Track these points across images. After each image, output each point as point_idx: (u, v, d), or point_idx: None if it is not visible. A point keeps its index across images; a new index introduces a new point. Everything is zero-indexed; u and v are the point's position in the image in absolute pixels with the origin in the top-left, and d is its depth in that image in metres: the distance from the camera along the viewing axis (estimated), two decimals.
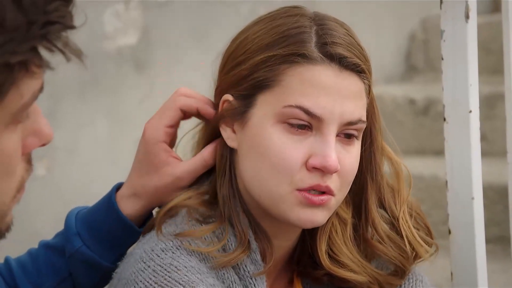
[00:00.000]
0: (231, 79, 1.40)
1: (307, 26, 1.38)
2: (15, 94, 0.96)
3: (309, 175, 1.35)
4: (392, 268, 1.48)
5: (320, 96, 1.34)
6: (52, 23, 0.94)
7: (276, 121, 1.36)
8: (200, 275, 1.33)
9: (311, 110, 1.34)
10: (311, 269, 1.46)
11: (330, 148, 1.34)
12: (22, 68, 0.95)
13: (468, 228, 1.55)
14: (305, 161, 1.35)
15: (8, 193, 1.01)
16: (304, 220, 1.36)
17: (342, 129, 1.37)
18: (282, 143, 1.35)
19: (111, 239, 1.47)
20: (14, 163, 1.00)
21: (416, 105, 3.48)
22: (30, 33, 0.93)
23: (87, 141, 2.92)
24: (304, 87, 1.35)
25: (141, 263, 1.35)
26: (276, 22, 1.40)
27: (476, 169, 1.54)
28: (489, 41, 3.48)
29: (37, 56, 0.95)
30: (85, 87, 2.90)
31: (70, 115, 2.86)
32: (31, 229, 2.79)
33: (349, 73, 1.36)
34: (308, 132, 1.36)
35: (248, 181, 1.39)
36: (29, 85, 0.97)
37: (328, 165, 1.34)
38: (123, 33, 2.99)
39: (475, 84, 1.53)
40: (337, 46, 1.36)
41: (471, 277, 1.56)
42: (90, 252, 1.46)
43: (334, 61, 1.35)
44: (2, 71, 0.93)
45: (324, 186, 1.35)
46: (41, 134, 1.03)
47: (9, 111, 0.96)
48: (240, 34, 1.44)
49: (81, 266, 1.47)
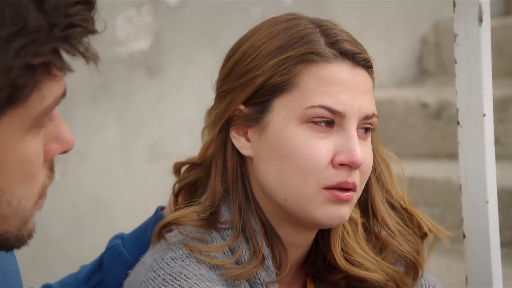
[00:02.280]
0: (243, 87, 1.39)
1: (311, 27, 1.39)
2: (37, 97, 0.96)
3: (336, 172, 1.35)
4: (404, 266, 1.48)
5: (340, 93, 1.35)
6: (73, 26, 0.95)
7: (299, 122, 1.36)
8: (210, 283, 1.33)
9: (334, 108, 1.35)
10: (327, 273, 1.46)
11: (355, 144, 1.35)
12: (43, 70, 0.96)
13: (482, 232, 1.54)
14: (331, 158, 1.35)
15: (30, 199, 1.01)
16: (333, 217, 1.36)
17: (360, 124, 1.38)
18: (308, 144, 1.35)
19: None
20: (35, 169, 1.00)
21: (428, 109, 3.47)
22: (51, 35, 0.94)
23: (99, 146, 2.92)
24: (323, 86, 1.35)
25: (151, 272, 1.35)
26: (280, 26, 1.40)
27: (491, 173, 1.54)
28: (501, 44, 3.46)
29: (58, 59, 0.96)
30: (97, 92, 2.91)
31: (82, 120, 2.86)
32: (43, 234, 2.80)
33: (361, 69, 1.38)
34: (331, 129, 1.36)
35: (271, 186, 1.38)
36: (51, 88, 0.97)
37: (355, 160, 1.34)
38: (134, 38, 2.99)
39: (489, 87, 1.52)
40: (346, 43, 1.37)
41: (486, 281, 1.55)
42: (124, 250, 1.50)
43: (348, 57, 1.37)
44: (24, 72, 0.94)
45: (351, 182, 1.36)
46: (63, 141, 1.03)
47: (31, 114, 0.97)
48: (243, 42, 1.42)
49: (113, 261, 1.51)
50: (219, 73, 1.45)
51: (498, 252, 1.56)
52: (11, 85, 0.93)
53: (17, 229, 1.02)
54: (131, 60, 2.98)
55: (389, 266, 1.45)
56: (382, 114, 3.47)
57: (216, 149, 1.43)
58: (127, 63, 2.98)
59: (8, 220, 1.00)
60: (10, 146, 0.97)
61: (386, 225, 1.47)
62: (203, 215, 1.40)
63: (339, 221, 1.37)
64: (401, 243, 1.47)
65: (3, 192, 0.98)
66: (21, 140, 0.97)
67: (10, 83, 0.93)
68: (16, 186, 0.99)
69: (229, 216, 1.40)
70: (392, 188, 1.50)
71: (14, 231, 1.02)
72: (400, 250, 1.47)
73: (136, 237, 1.52)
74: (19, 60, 0.93)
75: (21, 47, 0.93)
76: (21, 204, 1.00)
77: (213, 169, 1.43)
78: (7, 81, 0.93)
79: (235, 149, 1.41)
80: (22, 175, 0.99)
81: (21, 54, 0.93)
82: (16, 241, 1.03)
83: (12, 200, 0.99)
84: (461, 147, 1.55)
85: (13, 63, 0.93)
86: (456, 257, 1.51)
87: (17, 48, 0.93)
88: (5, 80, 0.93)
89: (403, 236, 1.48)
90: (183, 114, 3.04)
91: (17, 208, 1.00)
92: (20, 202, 1.00)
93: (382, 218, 1.47)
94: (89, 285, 1.54)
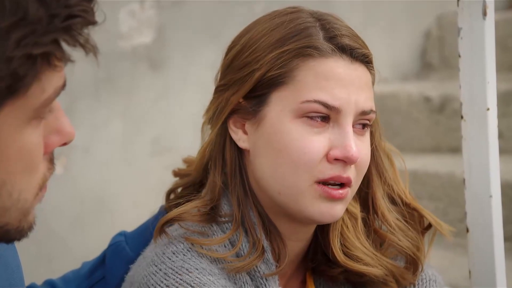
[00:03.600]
0: (243, 81, 1.39)
1: (310, 21, 1.39)
2: (38, 87, 0.97)
3: (330, 166, 1.35)
4: (404, 261, 1.48)
5: (336, 88, 1.35)
6: (73, 16, 0.96)
7: (294, 116, 1.36)
8: (212, 276, 1.33)
9: (329, 103, 1.34)
10: (326, 268, 1.46)
11: (350, 139, 1.35)
12: (44, 61, 0.96)
13: (486, 226, 1.54)
14: (326, 153, 1.35)
15: (31, 191, 1.01)
16: (325, 214, 1.36)
17: (356, 120, 1.38)
18: (303, 138, 1.35)
19: None
20: (36, 160, 1.00)
21: (432, 103, 3.47)
22: (52, 26, 0.95)
23: (102, 140, 2.92)
24: (319, 80, 1.35)
25: (153, 267, 1.35)
26: (279, 19, 1.40)
27: (494, 167, 1.53)
28: (505, 38, 3.46)
29: (58, 49, 0.97)
30: (100, 87, 2.91)
31: (85, 114, 2.87)
32: (47, 228, 2.80)
33: (359, 64, 1.38)
34: (326, 124, 1.36)
35: (266, 179, 1.38)
36: (51, 79, 0.98)
37: (350, 155, 1.34)
38: (138, 33, 2.99)
39: (493, 81, 1.52)
40: (345, 37, 1.37)
41: (489, 275, 1.55)
42: (127, 247, 1.50)
43: (346, 52, 1.36)
44: (25, 63, 0.94)
45: (345, 177, 1.36)
46: (64, 133, 1.03)
47: (32, 105, 0.97)
48: (243, 35, 1.43)
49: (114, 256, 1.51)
50: (220, 66, 1.45)
51: (502, 246, 1.56)
52: (11, 75, 0.94)
53: (18, 221, 1.02)
54: (134, 54, 2.98)
55: (388, 261, 1.46)
56: (385, 108, 3.48)
57: (215, 142, 1.43)
58: (130, 58, 2.97)
59: (8, 211, 1.01)
60: (11, 137, 0.97)
61: (386, 221, 1.47)
62: (204, 210, 1.40)
63: (331, 218, 1.38)
64: (401, 238, 1.47)
65: (4, 184, 0.98)
66: (22, 132, 0.97)
67: (10, 73, 0.93)
68: (17, 178, 0.99)
69: (228, 209, 1.40)
70: (394, 183, 1.50)
71: (14, 223, 1.02)
72: (399, 245, 1.47)
73: (139, 234, 1.52)
74: (19, 50, 0.93)
75: (22, 38, 0.93)
76: (22, 195, 1.00)
77: (212, 163, 1.43)
78: (8, 71, 0.93)
79: (233, 142, 1.41)
80: (23, 167, 0.99)
81: (21, 44, 0.93)
82: (16, 233, 1.03)
83: (12, 191, 0.99)
84: (464, 141, 1.55)
85: (13, 53, 0.93)
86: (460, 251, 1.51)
87: (18, 38, 0.93)
88: (5, 70, 0.93)
89: (403, 232, 1.48)
90: (186, 109, 3.04)
91: (17, 199, 1.00)
92: (21, 194, 1.00)
93: (382, 213, 1.47)
94: (90, 281, 1.54)
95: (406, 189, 1.52)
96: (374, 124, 1.47)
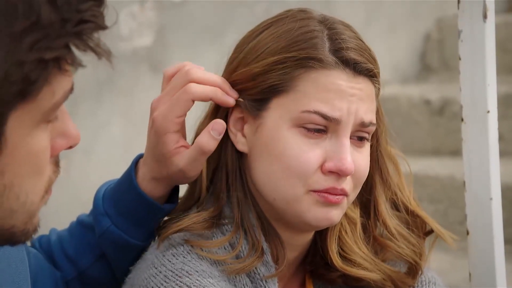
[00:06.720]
0: (245, 82, 1.40)
1: (318, 31, 1.38)
2: (48, 91, 0.97)
3: (324, 178, 1.36)
4: (404, 266, 1.48)
5: (336, 99, 1.35)
6: (85, 21, 0.97)
7: (292, 125, 1.36)
8: (212, 279, 1.33)
9: (328, 115, 1.35)
10: (325, 271, 1.46)
11: (346, 151, 1.35)
12: (55, 65, 0.97)
13: (486, 228, 1.54)
14: (321, 164, 1.35)
15: (37, 193, 1.02)
16: (321, 218, 1.36)
17: (355, 132, 1.37)
18: (299, 147, 1.35)
19: (137, 217, 1.45)
20: (43, 163, 1.01)
21: (432, 105, 3.47)
22: (64, 30, 0.95)
23: (103, 142, 2.92)
24: (320, 92, 1.35)
25: (153, 269, 1.35)
26: (287, 26, 1.39)
27: (495, 170, 1.54)
28: (505, 41, 3.46)
29: (69, 54, 0.97)
30: (101, 88, 2.91)
31: (87, 116, 2.87)
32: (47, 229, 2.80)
33: (363, 77, 1.38)
34: (324, 135, 1.36)
35: (262, 185, 1.39)
36: (61, 83, 0.98)
37: (344, 168, 1.34)
38: (138, 34, 2.99)
39: (493, 84, 1.52)
40: (351, 51, 1.36)
41: (489, 278, 1.55)
42: (118, 231, 1.45)
43: (349, 66, 1.36)
44: (37, 67, 0.95)
45: (340, 189, 1.36)
46: (69, 136, 1.04)
47: (41, 109, 0.98)
48: (249, 37, 1.42)
49: (112, 245, 1.46)
50: (225, 69, 1.45)
51: (502, 249, 1.56)
52: (23, 79, 0.94)
53: (24, 223, 1.03)
54: (135, 56, 2.99)
55: (387, 266, 1.46)
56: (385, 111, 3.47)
57: (219, 145, 1.43)
58: (131, 59, 2.98)
59: (15, 214, 1.01)
60: (20, 140, 0.97)
61: (387, 227, 1.47)
62: (209, 217, 1.40)
63: (328, 223, 1.38)
64: (400, 245, 1.47)
65: (12, 186, 0.99)
66: (31, 135, 0.98)
67: (22, 77, 0.94)
68: (25, 180, 1.00)
69: (229, 211, 1.41)
70: (399, 189, 1.50)
71: (21, 225, 1.03)
72: (398, 252, 1.47)
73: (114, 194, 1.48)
74: (32, 55, 0.94)
75: (34, 42, 0.94)
76: (29, 198, 1.01)
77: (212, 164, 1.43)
78: (20, 75, 0.94)
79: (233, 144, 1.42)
80: (31, 169, 1.00)
81: (34, 48, 0.94)
82: (22, 235, 1.04)
83: (20, 194, 1.00)
84: (464, 144, 1.55)
85: (26, 57, 0.94)
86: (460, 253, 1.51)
87: (30, 42, 0.93)
88: (17, 74, 0.94)
89: (404, 239, 1.48)
90: None
91: (24, 202, 1.01)
92: (28, 196, 1.01)
93: (383, 220, 1.47)
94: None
95: (411, 195, 1.52)
96: (380, 130, 1.46)
